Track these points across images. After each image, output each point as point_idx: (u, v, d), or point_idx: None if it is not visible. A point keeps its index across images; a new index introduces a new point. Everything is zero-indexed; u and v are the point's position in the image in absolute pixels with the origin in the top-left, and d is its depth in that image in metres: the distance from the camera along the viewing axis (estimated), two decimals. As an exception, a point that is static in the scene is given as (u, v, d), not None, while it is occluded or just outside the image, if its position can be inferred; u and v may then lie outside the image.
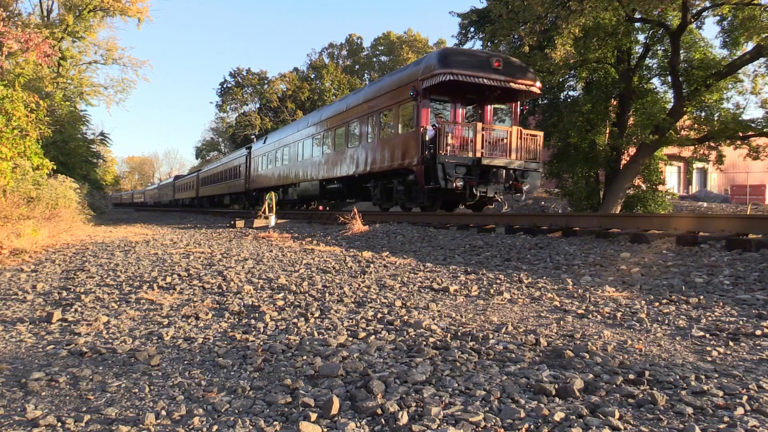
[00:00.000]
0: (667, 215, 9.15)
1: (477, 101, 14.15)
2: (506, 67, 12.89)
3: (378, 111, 14.93)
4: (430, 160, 12.23)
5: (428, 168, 12.30)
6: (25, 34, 17.47)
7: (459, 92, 13.48)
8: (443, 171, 11.88)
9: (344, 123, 17.13)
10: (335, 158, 17.69)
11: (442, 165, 11.87)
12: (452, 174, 11.90)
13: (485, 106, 14.27)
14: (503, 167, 12.39)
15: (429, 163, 12.27)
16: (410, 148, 13.02)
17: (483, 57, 13.06)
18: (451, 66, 12.32)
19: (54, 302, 3.95)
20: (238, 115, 62.56)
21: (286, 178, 22.59)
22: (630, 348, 2.79)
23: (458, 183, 11.90)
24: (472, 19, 26.01)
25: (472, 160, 12.23)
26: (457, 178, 11.94)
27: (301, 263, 6.13)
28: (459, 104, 13.89)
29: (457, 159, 12.16)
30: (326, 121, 18.78)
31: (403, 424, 1.83)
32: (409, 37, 67.21)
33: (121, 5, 30.96)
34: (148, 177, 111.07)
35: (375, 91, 15.52)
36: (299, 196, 21.74)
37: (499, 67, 12.72)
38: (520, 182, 12.67)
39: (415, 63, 14.13)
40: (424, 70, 12.74)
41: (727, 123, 18.52)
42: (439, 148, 12.03)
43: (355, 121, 16.35)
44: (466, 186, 12.07)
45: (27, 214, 9.15)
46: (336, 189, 18.39)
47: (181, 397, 2.11)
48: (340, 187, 18.00)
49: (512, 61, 13.70)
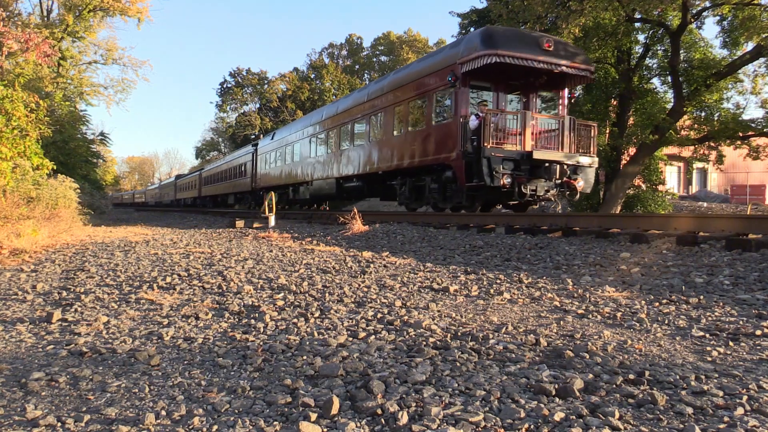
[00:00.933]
0: (667, 215, 9.14)
1: (521, 88, 12.45)
2: (557, 48, 11.42)
3: (406, 100, 13.49)
4: (472, 154, 10.89)
5: (470, 163, 10.94)
6: (25, 34, 17.47)
7: (503, 77, 11.94)
8: (489, 166, 10.46)
9: (365, 115, 15.71)
10: (355, 154, 16.28)
11: (487, 159, 10.47)
12: (499, 170, 10.48)
13: (530, 94, 12.53)
14: (556, 162, 10.92)
15: (471, 158, 10.90)
16: (447, 141, 11.66)
17: (532, 37, 11.56)
18: (496, 46, 10.77)
19: (54, 302, 3.95)
20: (238, 115, 62.59)
21: (298, 176, 21.10)
22: (630, 348, 2.79)
23: (506, 180, 10.49)
24: (472, 19, 26.05)
25: (522, 154, 10.84)
26: (505, 174, 10.53)
27: (301, 263, 6.12)
28: (502, 91, 12.18)
29: (505, 152, 10.72)
30: (344, 114, 17.33)
31: (403, 424, 1.83)
32: (409, 37, 67.21)
33: (121, 5, 30.96)
34: (148, 177, 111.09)
35: (402, 79, 14.04)
36: (312, 196, 20.19)
37: (549, 48, 11.22)
38: (574, 179, 11.18)
39: (451, 45, 12.58)
40: (464, 52, 11.23)
41: (727, 123, 18.54)
42: (484, 140, 10.62)
43: (378, 112, 14.93)
44: (514, 183, 10.69)
45: (27, 214, 9.16)
46: (355, 187, 16.98)
47: (181, 397, 2.10)
48: (360, 186, 16.60)
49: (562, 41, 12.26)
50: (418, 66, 13.65)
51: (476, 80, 11.71)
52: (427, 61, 13.39)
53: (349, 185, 17.16)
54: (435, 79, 12.28)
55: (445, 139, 11.77)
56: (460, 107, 11.35)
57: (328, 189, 18.39)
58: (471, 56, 11.02)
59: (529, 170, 10.92)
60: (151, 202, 65.01)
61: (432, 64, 12.76)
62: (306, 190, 20.62)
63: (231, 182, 32.63)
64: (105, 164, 48.84)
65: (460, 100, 11.42)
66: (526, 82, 12.23)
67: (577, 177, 11.26)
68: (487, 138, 10.67)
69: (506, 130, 11.13)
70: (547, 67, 11.17)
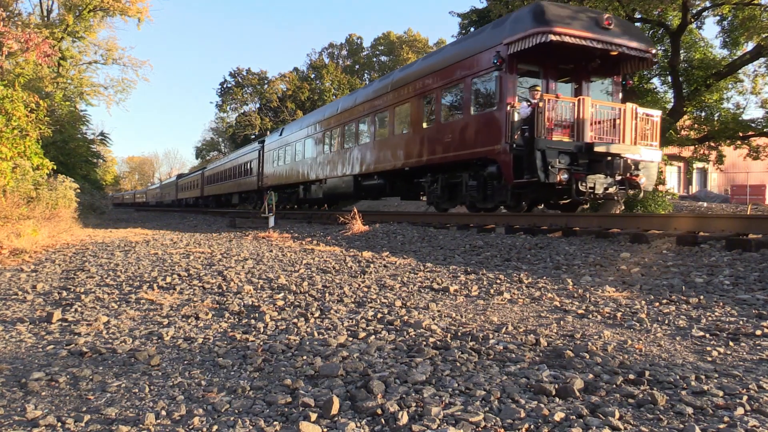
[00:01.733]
0: (667, 215, 9.12)
1: (573, 73, 11.09)
2: (617, 26, 10.18)
3: (438, 88, 12.21)
4: (522, 147, 9.69)
5: (519, 156, 9.76)
6: (25, 34, 17.47)
7: (553, 60, 10.63)
8: (543, 160, 9.28)
9: (388, 106, 14.42)
10: (375, 149, 15.01)
11: (541, 152, 9.31)
12: (555, 164, 9.32)
13: (582, 80, 11.13)
14: (619, 155, 9.70)
15: (521, 150, 9.72)
16: (489, 132, 10.43)
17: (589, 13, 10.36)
18: (551, 23, 9.48)
19: (54, 302, 3.95)
20: (238, 115, 62.63)
21: (310, 174, 19.74)
22: (630, 348, 2.79)
23: (563, 176, 9.31)
24: (472, 19, 26.05)
25: (580, 146, 9.64)
26: (562, 169, 9.36)
27: (301, 263, 6.12)
28: (551, 77, 10.80)
29: (562, 144, 9.56)
30: (363, 106, 15.96)
31: (403, 424, 1.83)
32: (409, 37, 67.24)
33: (121, 5, 30.98)
34: (148, 177, 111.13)
35: (433, 65, 12.69)
36: (326, 195, 18.91)
37: (609, 26, 9.97)
38: (636, 175, 9.94)
39: (494, 24, 11.25)
40: (511, 30, 10.01)
41: (727, 123, 18.56)
42: (537, 131, 9.41)
43: (404, 102, 13.65)
44: (571, 179, 9.50)
45: (27, 214, 9.16)
46: (375, 185, 15.66)
47: (181, 397, 2.10)
48: (381, 184, 15.30)
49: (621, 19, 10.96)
50: (453, 50, 12.31)
51: (524, 63, 10.42)
52: (465, 43, 11.98)
53: (369, 183, 15.93)
54: (474, 63, 11.04)
55: (487, 130, 10.56)
56: (507, 93, 10.10)
57: (344, 187, 17.17)
58: (520, 35, 9.74)
59: (588, 165, 9.71)
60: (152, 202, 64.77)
61: (470, 46, 11.41)
62: (319, 188, 19.32)
63: (235, 181, 31.59)
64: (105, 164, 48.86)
65: (506, 85, 10.15)
66: (578, 66, 10.90)
67: (639, 173, 10.01)
68: (541, 128, 9.44)
69: (562, 120, 9.88)
70: (608, 48, 9.94)
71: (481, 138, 10.74)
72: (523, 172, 9.69)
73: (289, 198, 23.71)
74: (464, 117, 11.33)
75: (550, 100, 9.74)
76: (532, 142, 9.45)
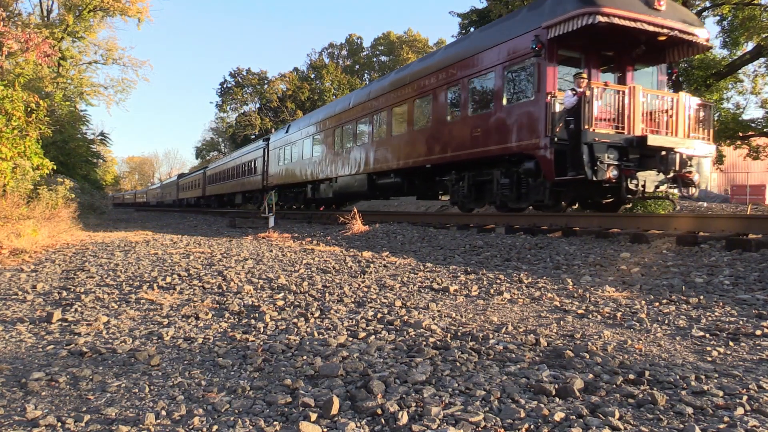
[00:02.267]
0: (667, 215, 9.11)
1: (616, 60, 10.22)
2: (669, 7, 9.28)
3: (465, 78, 11.32)
4: (566, 140, 8.90)
5: (561, 151, 8.94)
6: (25, 34, 17.47)
7: (596, 46, 9.77)
8: (591, 155, 8.42)
9: (406, 99, 13.59)
10: (392, 145, 14.13)
11: (589, 146, 8.44)
12: (604, 159, 8.43)
13: (626, 68, 10.24)
14: (673, 150, 8.79)
15: (563, 145, 8.92)
16: (526, 125, 9.62)
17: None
18: (598, 3, 8.61)
19: (54, 302, 3.95)
20: (238, 115, 62.67)
21: (319, 172, 18.77)
22: (630, 348, 2.79)
23: (612, 172, 8.46)
24: (472, 19, 26.06)
25: (630, 140, 8.73)
26: (611, 165, 8.49)
27: (301, 263, 6.13)
28: (593, 65, 9.90)
29: (612, 138, 8.67)
30: (378, 100, 15.08)
31: (403, 424, 1.83)
32: (409, 37, 67.25)
33: (121, 5, 30.98)
34: (148, 177, 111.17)
35: (458, 54, 11.78)
36: (337, 194, 18.03)
37: (660, 7, 9.06)
38: (689, 171, 8.98)
39: (530, 7, 10.32)
40: (552, 12, 9.17)
41: (727, 123, 18.56)
42: (585, 122, 8.53)
43: (426, 94, 12.79)
44: (621, 176, 8.63)
45: (27, 214, 9.15)
46: (391, 184, 14.77)
47: (181, 397, 2.10)
48: (398, 182, 14.44)
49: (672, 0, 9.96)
50: (481, 37, 11.33)
51: (566, 49, 9.54)
52: (495, 29, 10.98)
53: (384, 181, 15.04)
54: (507, 50, 10.16)
55: (523, 123, 9.71)
56: (547, 82, 9.23)
57: (357, 186, 16.23)
58: (563, 17, 8.83)
59: (639, 160, 8.86)
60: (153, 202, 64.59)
61: (502, 32, 10.47)
62: (328, 188, 18.39)
63: (239, 180, 30.65)
64: (105, 164, 48.80)
65: (545, 73, 9.26)
66: (622, 52, 10.00)
67: (692, 169, 9.08)
68: (588, 119, 8.54)
69: (611, 110, 8.98)
70: (659, 31, 9.04)
71: (515, 132, 9.92)
72: (566, 168, 8.87)
73: (296, 198, 22.93)
74: (495, 109, 10.47)
75: (599, 88, 8.86)
76: (578, 135, 8.62)
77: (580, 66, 9.75)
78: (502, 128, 10.25)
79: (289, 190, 23.27)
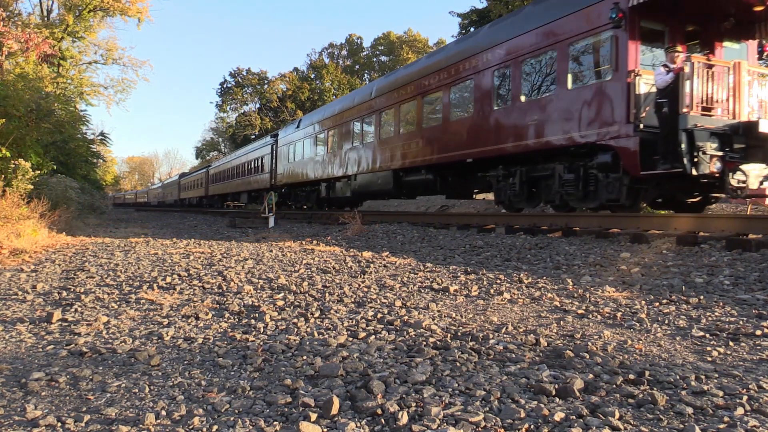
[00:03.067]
0: (667, 215, 9.11)
1: (701, 35, 8.84)
2: None
3: (515, 60, 9.94)
4: (655, 128, 7.65)
5: (648, 140, 7.66)
6: (25, 34, 17.48)
7: (681, 17, 8.48)
8: (690, 144, 7.14)
9: (441, 86, 12.08)
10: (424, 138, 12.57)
11: (689, 134, 7.15)
12: (707, 149, 7.15)
13: (714, 43, 8.81)
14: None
15: (652, 133, 7.66)
16: (601, 111, 8.27)
17: None
18: None
19: (54, 302, 3.95)
20: (238, 115, 62.69)
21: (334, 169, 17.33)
22: (630, 348, 2.79)
23: (715, 165, 7.18)
24: (472, 19, 26.06)
25: (736, 126, 7.42)
26: (714, 156, 7.20)
27: (301, 263, 6.13)
28: (678, 39, 8.38)
29: (715, 123, 7.37)
30: (406, 89, 13.50)
31: (403, 424, 1.83)
32: (409, 37, 67.23)
33: (121, 5, 30.96)
34: (148, 177, 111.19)
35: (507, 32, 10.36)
36: (356, 193, 16.42)
37: None
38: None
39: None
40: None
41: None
42: (683, 105, 7.27)
43: (465, 79, 11.30)
44: (725, 170, 7.29)
45: (27, 214, 9.15)
46: (422, 181, 13.14)
47: (181, 397, 2.11)
48: (429, 179, 12.82)
49: None
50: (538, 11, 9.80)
51: (648, 20, 8.16)
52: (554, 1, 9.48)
53: (413, 178, 13.42)
54: (573, 23, 8.80)
55: (595, 109, 8.37)
56: (628, 58, 7.91)
57: (380, 184, 14.67)
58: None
59: (745, 150, 7.45)
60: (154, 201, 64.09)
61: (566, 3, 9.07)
62: (345, 186, 16.93)
63: (245, 179, 29.07)
64: (105, 164, 48.75)
65: (626, 47, 7.93)
66: (709, 25, 8.67)
67: None
68: (687, 101, 7.24)
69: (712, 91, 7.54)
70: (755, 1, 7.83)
71: (584, 119, 8.55)
72: (654, 161, 7.58)
73: (308, 197, 21.41)
74: (558, 93, 9.11)
75: (700, 64, 7.44)
76: (673, 121, 7.30)
77: (663, 42, 8.38)
78: (566, 115, 8.90)
79: (300, 189, 21.95)
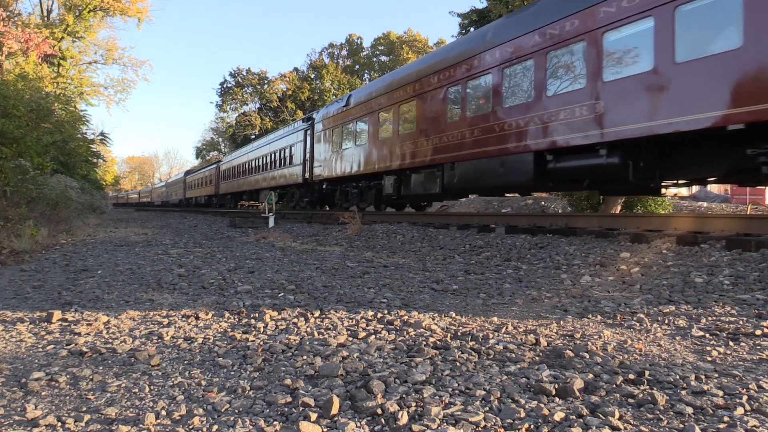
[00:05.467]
0: (667, 215, 9.10)
1: None
2: None
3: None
4: None
5: None
6: (25, 34, 17.47)
7: None
8: None
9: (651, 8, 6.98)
10: (613, 99, 7.53)
11: None
12: None
13: None
14: None
15: None
16: None
17: None
18: None
19: (54, 302, 3.95)
20: (238, 115, 62.65)
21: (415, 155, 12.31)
22: (630, 348, 2.79)
23: None
24: (472, 19, 26.02)
25: None
26: None
27: (301, 263, 6.13)
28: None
29: None
30: (567, 22, 8.20)
31: (403, 424, 1.83)
32: (409, 37, 67.23)
33: (121, 5, 30.97)
34: (148, 177, 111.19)
35: None
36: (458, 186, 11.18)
37: None
38: None
39: None
40: None
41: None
42: None
43: None
44: None
45: (27, 214, 9.15)
46: (590, 168, 8.22)
47: (181, 397, 2.11)
48: (612, 164, 7.81)
49: None
50: None
51: None
52: None
53: (576, 164, 8.49)
54: None
55: None
56: None
57: (505, 174, 9.76)
58: None
59: None
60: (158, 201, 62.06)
61: None
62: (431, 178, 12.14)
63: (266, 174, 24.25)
64: (105, 164, 48.70)
65: None
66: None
67: None
68: None
69: None
70: None
71: None
72: None
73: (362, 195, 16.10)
74: None
75: None
76: None
77: None
78: None
79: (350, 184, 16.94)
